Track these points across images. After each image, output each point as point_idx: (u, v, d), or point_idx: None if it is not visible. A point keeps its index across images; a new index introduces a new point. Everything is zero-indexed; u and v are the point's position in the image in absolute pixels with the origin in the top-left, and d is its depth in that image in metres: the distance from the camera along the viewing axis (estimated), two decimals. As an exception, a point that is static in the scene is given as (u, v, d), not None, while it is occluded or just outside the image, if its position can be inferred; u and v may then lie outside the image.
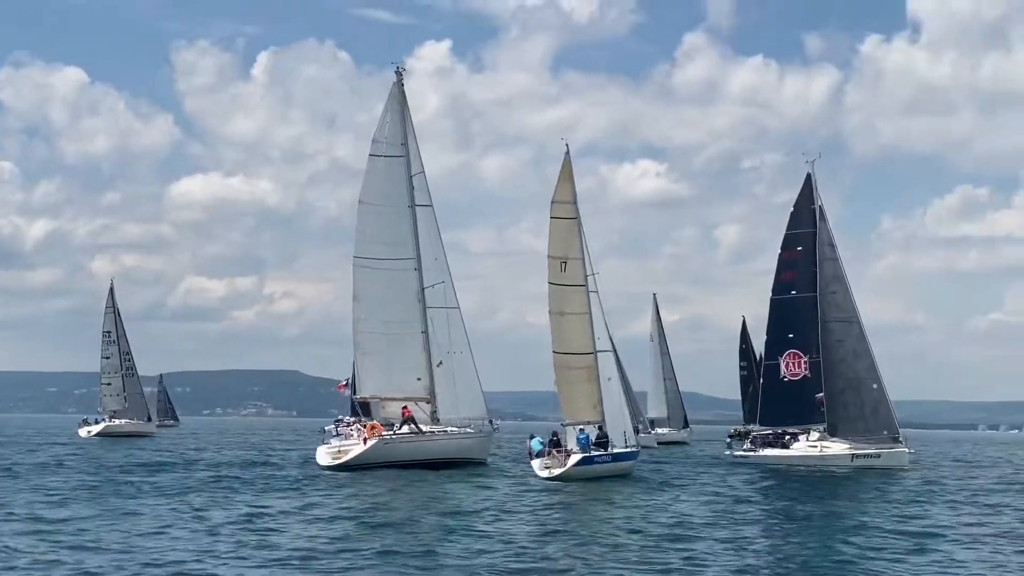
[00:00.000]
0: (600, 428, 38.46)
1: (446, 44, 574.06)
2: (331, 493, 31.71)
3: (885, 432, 50.98)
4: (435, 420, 46.98)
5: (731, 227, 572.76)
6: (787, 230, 54.49)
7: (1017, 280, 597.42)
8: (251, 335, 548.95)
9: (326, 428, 47.62)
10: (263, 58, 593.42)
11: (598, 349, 38.92)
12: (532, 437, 40.12)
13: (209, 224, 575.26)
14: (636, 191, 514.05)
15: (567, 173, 39.68)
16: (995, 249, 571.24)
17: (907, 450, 50.95)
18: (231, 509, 25.91)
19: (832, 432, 51.49)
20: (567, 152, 39.98)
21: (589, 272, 39.31)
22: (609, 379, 38.88)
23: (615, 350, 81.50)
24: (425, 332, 47.47)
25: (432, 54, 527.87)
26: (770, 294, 54.67)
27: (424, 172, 48.13)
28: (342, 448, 44.13)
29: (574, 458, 37.18)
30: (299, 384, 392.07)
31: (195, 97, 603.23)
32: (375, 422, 45.29)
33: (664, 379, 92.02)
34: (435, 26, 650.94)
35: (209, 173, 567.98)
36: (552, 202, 39.53)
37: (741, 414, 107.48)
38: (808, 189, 54.05)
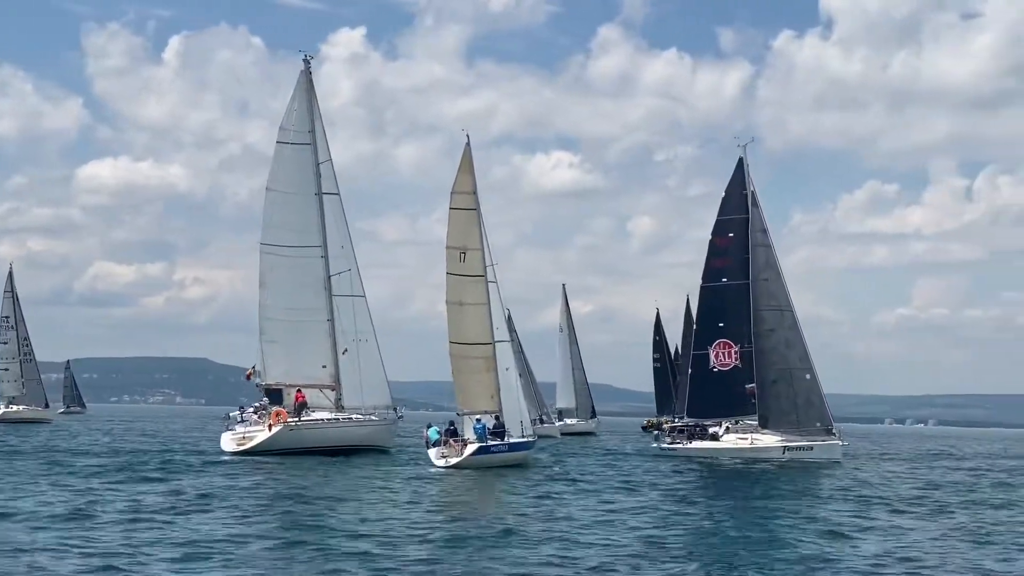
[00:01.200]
0: (497, 418, 39.00)
1: (360, 31, 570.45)
2: (231, 478, 32.04)
3: (818, 424, 50.13)
4: (340, 407, 47.48)
5: (644, 219, 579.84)
6: (718, 215, 53.09)
7: (924, 276, 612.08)
8: (160, 322, 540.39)
9: (230, 415, 47.85)
10: (175, 42, 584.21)
11: (496, 340, 39.46)
12: (429, 426, 40.50)
13: (118, 209, 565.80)
14: (549, 182, 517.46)
15: (467, 164, 40.14)
16: (903, 245, 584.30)
17: (840, 442, 50.25)
18: (106, 499, 25.39)
19: (763, 424, 50.44)
20: (467, 143, 40.49)
21: (488, 263, 39.82)
22: (507, 369, 39.52)
23: (518, 340, 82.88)
24: (331, 320, 47.88)
25: (346, 41, 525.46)
26: (700, 281, 53.52)
27: (331, 160, 48.49)
28: (247, 434, 44.48)
29: (470, 447, 37.61)
30: (208, 372, 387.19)
31: (105, 80, 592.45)
32: (280, 408, 45.63)
33: (573, 369, 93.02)
34: (349, 13, 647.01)
35: (119, 157, 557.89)
36: (452, 192, 39.90)
37: (654, 406, 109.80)
38: (740, 174, 52.94)
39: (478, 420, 38.58)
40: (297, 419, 44.98)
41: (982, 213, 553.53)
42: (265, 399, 46.87)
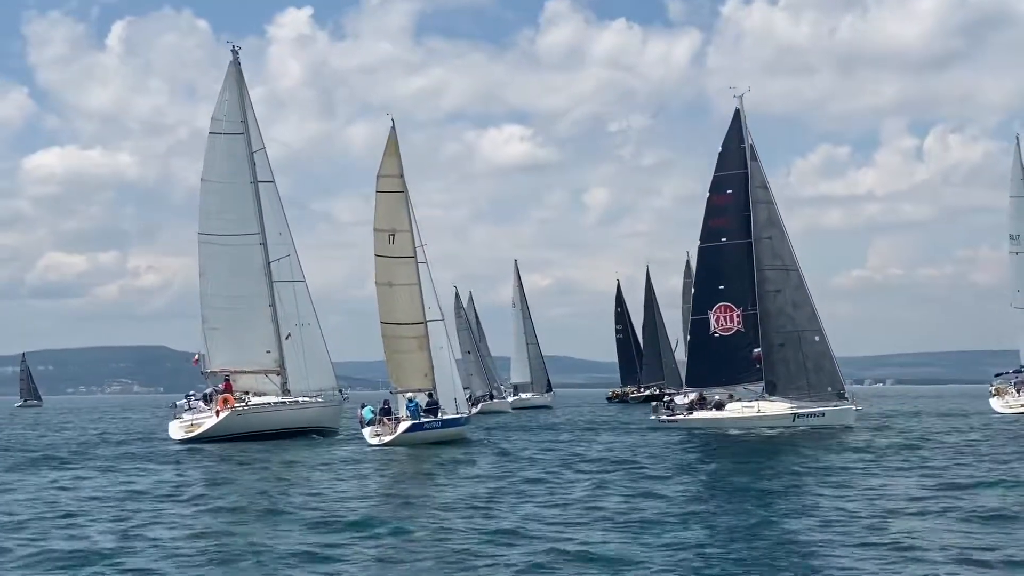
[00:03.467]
0: (430, 395, 40.44)
1: (307, 11, 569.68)
2: (178, 466, 33.46)
3: (829, 388, 48.16)
4: (285, 391, 48.93)
5: (599, 190, 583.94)
6: (715, 171, 50.81)
7: (879, 237, 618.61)
8: (115, 311, 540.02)
9: (178, 403, 49.16)
10: (118, 28, 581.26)
11: (428, 319, 40.90)
12: (363, 406, 41.89)
13: (67, 198, 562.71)
14: (503, 157, 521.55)
15: (393, 147, 41.37)
16: (857, 207, 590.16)
17: (854, 407, 48.14)
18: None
19: (771, 390, 48.58)
20: (392, 127, 41.70)
21: (418, 244, 41.20)
22: (440, 348, 41.05)
23: (466, 317, 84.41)
24: (272, 305, 49.21)
25: (292, 21, 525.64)
26: (697, 242, 51.61)
27: (265, 148, 49.63)
28: (195, 421, 45.86)
29: (403, 425, 38.96)
30: (166, 359, 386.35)
31: (49, 69, 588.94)
32: (228, 395, 47.01)
33: (527, 344, 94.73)
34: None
35: (66, 146, 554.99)
36: (378, 176, 41.11)
37: (618, 376, 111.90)
38: (737, 126, 50.59)
39: (411, 399, 39.90)
40: (244, 405, 46.41)
41: (933, 172, 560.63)
42: (209, 388, 48.17)
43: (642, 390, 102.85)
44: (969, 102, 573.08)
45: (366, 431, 40.12)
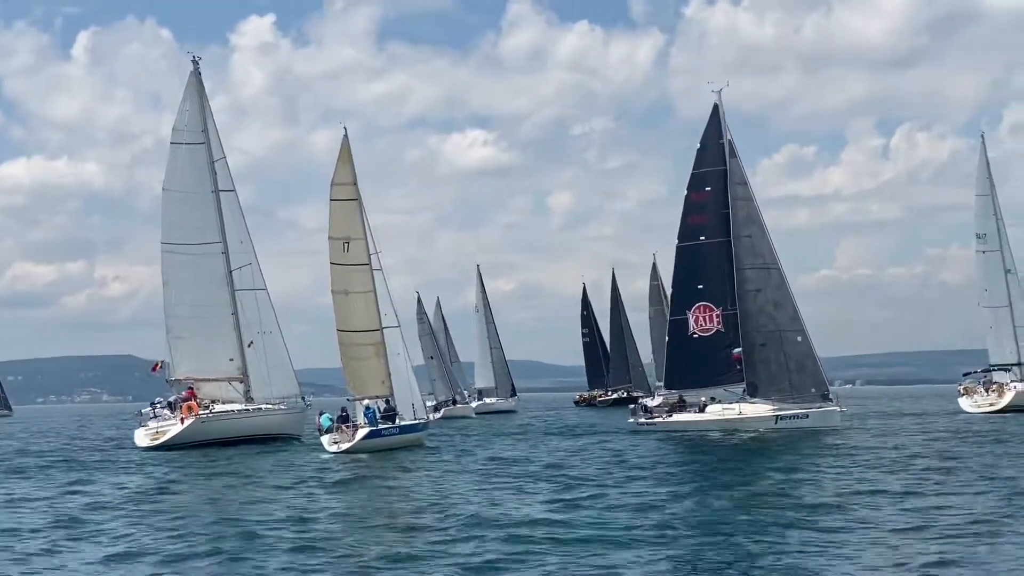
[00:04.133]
0: (387, 401, 41.05)
1: (269, 19, 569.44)
2: (142, 471, 34.28)
3: (813, 389, 47.41)
4: (248, 399, 49.72)
5: (563, 194, 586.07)
6: (693, 168, 50.17)
7: (846, 236, 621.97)
8: (82, 320, 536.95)
9: (143, 411, 49.78)
10: (83, 38, 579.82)
11: (384, 326, 41.63)
12: (321, 414, 42.49)
13: (34, 208, 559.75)
14: (466, 161, 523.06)
15: (346, 155, 41.99)
16: (824, 206, 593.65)
17: (839, 408, 47.63)
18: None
19: (752, 392, 47.86)
20: (345, 135, 42.43)
21: (373, 251, 41.92)
22: (397, 354, 41.75)
23: (429, 323, 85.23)
24: (235, 314, 50.02)
25: (255, 29, 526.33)
26: (676, 240, 50.66)
27: (225, 158, 50.46)
28: (160, 429, 46.55)
29: (361, 432, 39.46)
30: (134, 368, 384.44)
31: (14, 80, 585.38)
32: (192, 402, 47.71)
33: (491, 348, 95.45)
34: (257, 0, 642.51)
35: (32, 156, 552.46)
36: (332, 184, 41.71)
37: (585, 380, 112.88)
38: (716, 121, 49.93)
39: (367, 406, 40.58)
40: (208, 412, 47.16)
41: (900, 171, 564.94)
42: (174, 396, 48.83)
43: (609, 393, 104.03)
44: (936, 100, 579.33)
45: (324, 438, 40.63)
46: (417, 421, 42.38)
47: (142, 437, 46.54)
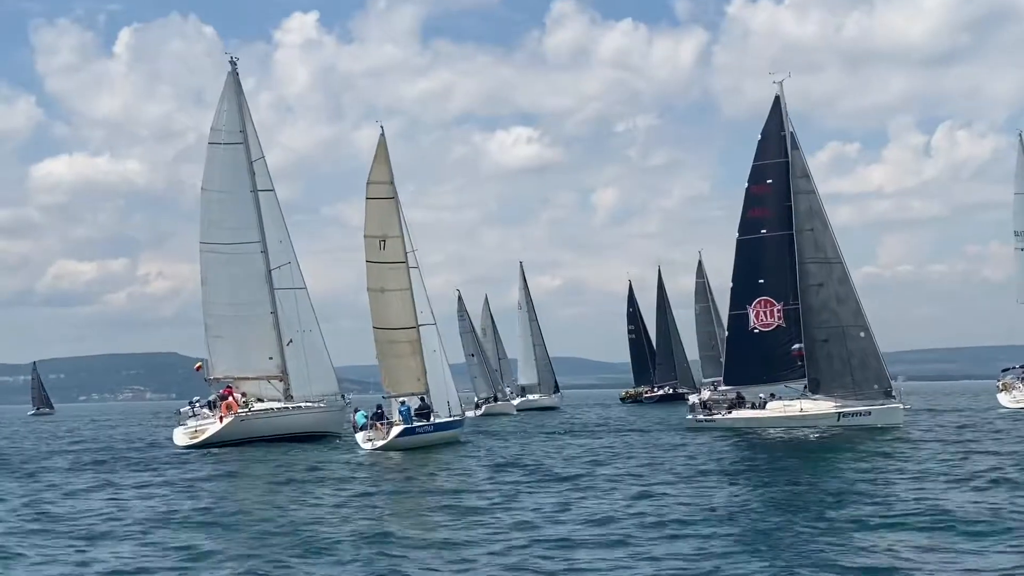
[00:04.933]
0: (422, 399, 41.50)
1: (313, 16, 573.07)
2: (178, 469, 34.81)
3: (876, 386, 46.90)
4: (288, 397, 50.32)
5: (607, 191, 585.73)
6: (755, 160, 49.58)
7: (888, 233, 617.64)
8: (125, 318, 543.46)
9: (181, 410, 50.54)
10: (125, 35, 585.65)
11: (420, 323, 42.12)
12: (356, 411, 43.11)
13: (77, 206, 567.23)
14: (511, 158, 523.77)
15: (383, 154, 42.63)
16: (866, 204, 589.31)
17: (902, 406, 46.88)
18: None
19: (814, 388, 47.55)
20: (382, 134, 43.05)
21: (409, 249, 42.44)
22: (434, 351, 42.21)
23: (469, 320, 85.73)
24: (274, 312, 50.67)
25: (299, 26, 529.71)
26: (736, 234, 50.00)
27: (264, 158, 51.14)
28: (199, 428, 47.25)
29: (396, 429, 39.95)
30: (177, 366, 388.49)
31: (57, 77, 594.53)
32: (231, 400, 48.31)
33: (534, 345, 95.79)
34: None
35: (75, 154, 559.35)
36: (368, 183, 42.35)
37: (631, 376, 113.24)
38: (777, 113, 49.44)
39: (403, 402, 41.01)
40: (247, 411, 47.71)
41: (941, 169, 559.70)
42: (213, 395, 49.45)
43: (655, 390, 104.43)
44: (976, 98, 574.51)
45: (359, 436, 41.22)
46: (453, 418, 42.72)
47: (181, 436, 47.18)
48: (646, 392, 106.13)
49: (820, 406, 46.90)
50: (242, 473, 33.19)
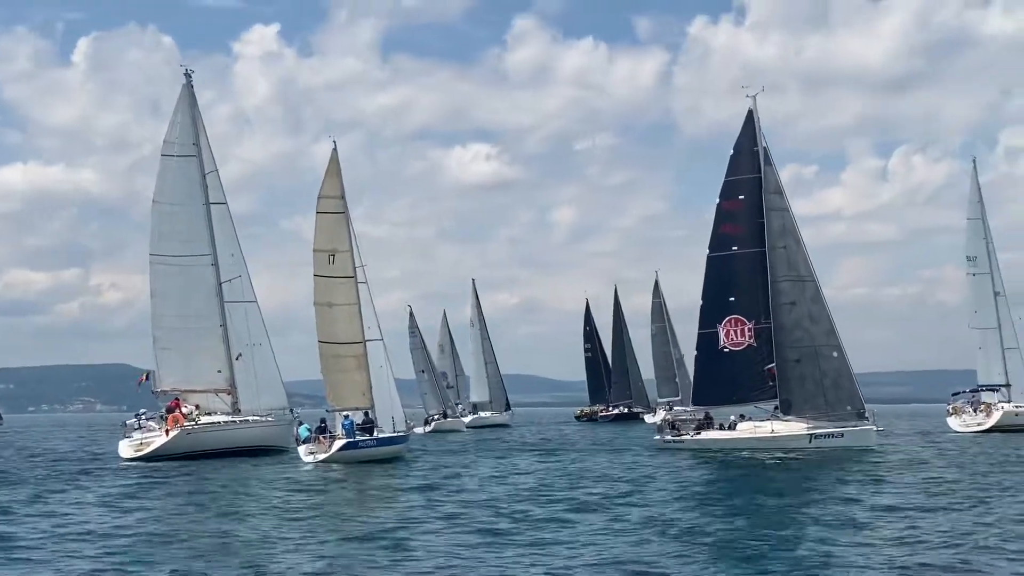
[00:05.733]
0: (367, 413, 42.04)
1: (274, 28, 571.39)
2: (122, 483, 34.88)
3: (849, 407, 46.41)
4: (236, 411, 50.52)
5: (566, 209, 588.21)
6: (726, 175, 48.96)
7: (844, 256, 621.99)
8: (77, 328, 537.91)
9: (127, 422, 50.43)
10: (83, 44, 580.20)
11: (368, 339, 42.66)
12: (300, 424, 43.60)
13: (30, 215, 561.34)
14: (469, 175, 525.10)
15: (335, 168, 43.19)
16: (824, 226, 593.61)
17: (874, 427, 46.54)
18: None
19: (786, 409, 46.77)
20: (334, 149, 43.64)
21: (358, 264, 43.02)
22: (380, 367, 42.75)
23: (421, 336, 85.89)
24: (224, 325, 50.90)
25: (259, 38, 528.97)
26: (707, 251, 49.43)
27: (217, 171, 51.56)
28: (144, 440, 47.24)
29: (338, 443, 40.50)
30: (128, 377, 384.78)
31: (12, 84, 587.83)
32: (177, 414, 48.33)
33: (486, 363, 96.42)
34: (263, 9, 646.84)
35: (28, 162, 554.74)
36: (319, 197, 42.93)
37: (586, 395, 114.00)
38: (750, 128, 48.80)
39: (346, 416, 41.50)
40: (194, 424, 47.76)
41: (898, 192, 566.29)
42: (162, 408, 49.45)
43: (611, 409, 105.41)
44: (933, 122, 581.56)
45: (301, 449, 41.64)
46: (397, 434, 43.16)
47: (126, 448, 47.16)
48: (601, 411, 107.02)
49: (792, 427, 46.21)
50: (167, 487, 33.04)
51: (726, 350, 48.13)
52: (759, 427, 46.83)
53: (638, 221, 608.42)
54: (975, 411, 65.15)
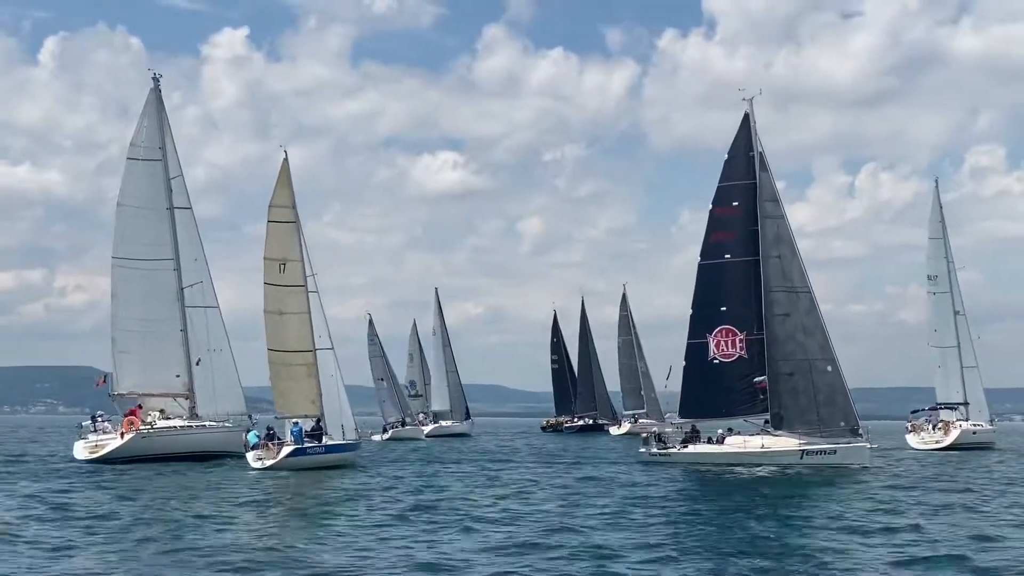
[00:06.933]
0: (317, 421, 42.68)
1: (243, 32, 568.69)
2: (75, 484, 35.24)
3: (842, 423, 45.19)
4: (194, 415, 50.94)
5: (533, 219, 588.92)
6: (720, 181, 47.78)
7: (811, 272, 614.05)
8: (40, 330, 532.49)
9: (83, 424, 50.62)
10: (51, 43, 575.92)
11: (318, 347, 43.28)
12: (248, 431, 44.23)
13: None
14: (437, 183, 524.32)
15: (285, 178, 43.81)
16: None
17: (868, 445, 45.35)
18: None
19: (777, 424, 45.61)
20: (285, 158, 44.13)
21: (309, 273, 43.66)
22: (331, 375, 43.41)
23: (380, 345, 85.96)
24: (184, 330, 51.32)
25: (228, 42, 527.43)
26: (698, 258, 48.23)
27: (183, 176, 52.17)
28: (99, 442, 47.54)
29: (285, 449, 41.07)
30: (92, 380, 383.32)
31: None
32: (133, 417, 48.58)
33: (447, 372, 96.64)
34: (231, 13, 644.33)
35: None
36: (270, 206, 43.51)
37: (552, 406, 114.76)
38: (745, 132, 47.60)
39: (295, 423, 42.15)
40: (149, 427, 48.05)
41: (864, 210, 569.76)
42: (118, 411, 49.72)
43: (576, 420, 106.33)
44: (900, 141, 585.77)
45: (249, 455, 42.08)
46: (346, 442, 43.74)
47: (81, 449, 47.47)
48: (566, 422, 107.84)
49: (782, 443, 45.14)
50: (105, 489, 33.32)
51: (716, 361, 47.06)
52: (749, 441, 45.90)
53: (605, 233, 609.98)
54: (934, 429, 66.18)
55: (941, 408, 67.77)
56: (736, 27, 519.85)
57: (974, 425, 66.85)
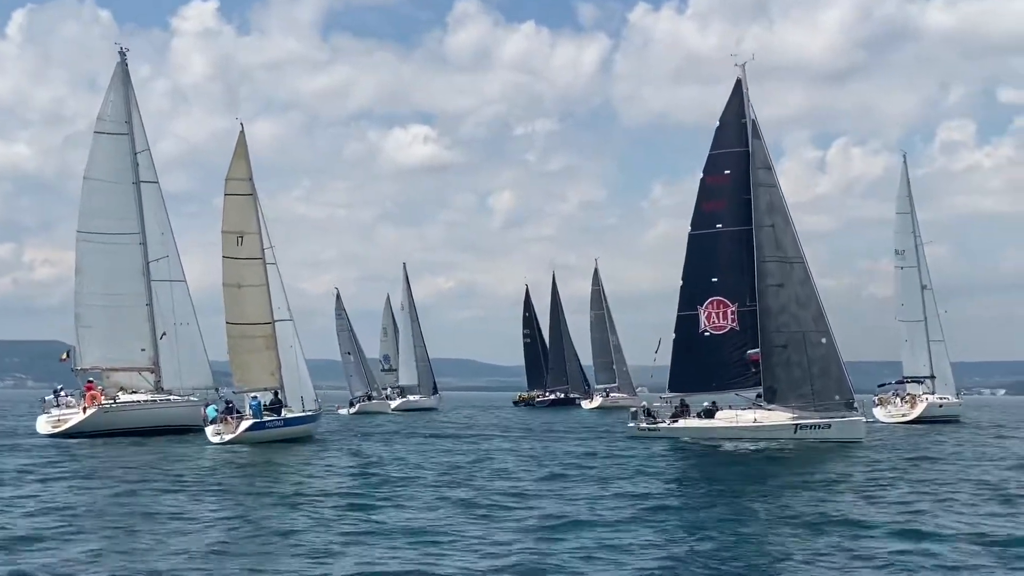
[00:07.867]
0: (276, 394, 42.90)
1: (213, 4, 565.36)
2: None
3: (837, 397, 44.20)
4: (159, 389, 51.04)
5: (504, 194, 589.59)
6: (711, 149, 46.58)
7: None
8: (9, 304, 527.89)
9: (46, 398, 50.61)
10: (18, 16, 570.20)
11: (277, 319, 43.48)
12: (207, 405, 44.34)
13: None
14: (408, 157, 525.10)
15: (242, 150, 43.85)
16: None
17: (863, 418, 45.02)
18: None
19: (770, 397, 44.73)
20: (242, 131, 44.23)
21: (267, 245, 43.83)
22: (290, 347, 43.64)
23: (347, 319, 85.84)
24: (149, 304, 51.33)
25: (198, 14, 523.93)
26: (688, 228, 47.18)
27: (149, 150, 52.08)
28: (62, 417, 47.57)
29: (244, 423, 41.12)
30: (61, 354, 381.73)
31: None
32: (96, 392, 48.58)
33: (415, 347, 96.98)
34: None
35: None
36: (227, 179, 43.56)
37: (524, 380, 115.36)
38: (738, 98, 46.45)
39: (254, 397, 42.29)
40: (112, 402, 48.04)
41: (834, 185, 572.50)
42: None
43: (547, 394, 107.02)
44: (871, 115, 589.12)
45: (208, 430, 42.11)
46: (306, 414, 43.92)
47: (43, 424, 47.45)
48: (538, 396, 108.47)
49: (775, 417, 44.31)
50: (55, 466, 33.26)
51: (707, 334, 46.05)
52: (740, 416, 44.97)
53: (577, 207, 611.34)
54: (900, 402, 66.98)
55: (908, 381, 68.74)
56: (708, 1, 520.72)
57: (940, 398, 67.84)
